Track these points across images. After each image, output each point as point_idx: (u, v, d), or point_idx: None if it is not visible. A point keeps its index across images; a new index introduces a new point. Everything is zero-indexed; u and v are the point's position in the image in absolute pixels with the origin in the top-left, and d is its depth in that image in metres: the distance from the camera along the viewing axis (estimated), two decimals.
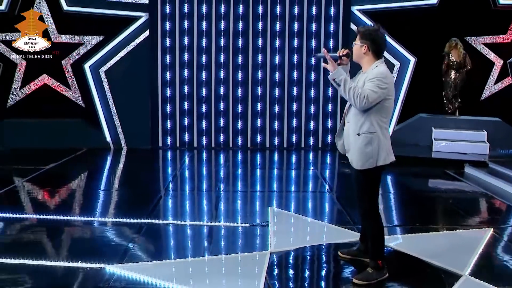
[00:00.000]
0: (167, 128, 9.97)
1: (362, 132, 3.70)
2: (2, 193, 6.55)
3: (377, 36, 3.78)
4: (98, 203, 6.37)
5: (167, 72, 9.82)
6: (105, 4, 9.58)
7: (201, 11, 9.69)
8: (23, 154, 9.18)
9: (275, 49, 9.80)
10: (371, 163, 3.72)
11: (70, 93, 10.10)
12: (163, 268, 4.13)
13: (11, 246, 4.67)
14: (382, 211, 5.99)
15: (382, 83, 3.64)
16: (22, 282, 3.86)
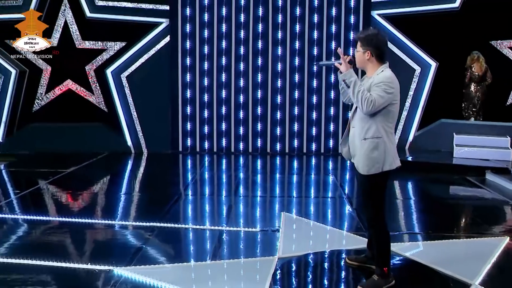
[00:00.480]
0: (187, 133, 10.06)
1: (368, 137, 3.67)
2: (22, 195, 6.72)
3: (379, 40, 3.74)
4: (113, 206, 6.47)
5: (187, 77, 9.92)
6: (126, 10, 9.76)
7: (221, 15, 9.75)
8: (47, 157, 9.40)
9: (295, 51, 9.78)
10: (377, 168, 3.69)
11: (93, 98, 10.31)
12: (169, 271, 4.17)
13: (24, 246, 4.79)
14: (404, 218, 5.96)
15: (388, 88, 3.62)
16: (32, 282, 3.93)
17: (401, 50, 9.41)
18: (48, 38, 10.04)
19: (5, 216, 5.74)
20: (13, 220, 5.70)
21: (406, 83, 9.43)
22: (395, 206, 6.50)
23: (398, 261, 4.39)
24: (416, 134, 9.56)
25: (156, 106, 9.95)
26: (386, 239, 3.85)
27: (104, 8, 9.74)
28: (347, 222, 5.86)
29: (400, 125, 9.58)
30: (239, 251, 4.80)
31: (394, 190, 7.58)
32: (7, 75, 9.75)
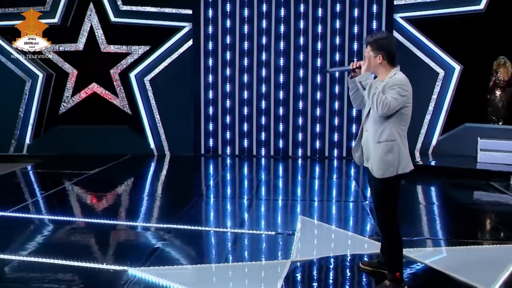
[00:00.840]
0: (209, 136, 10.12)
1: (382, 140, 3.66)
2: (46, 195, 6.88)
3: (390, 43, 3.74)
4: (132, 208, 6.58)
5: (209, 80, 10.00)
6: (150, 15, 9.89)
7: (243, 18, 9.80)
8: (72, 159, 9.61)
9: (317, 52, 9.74)
10: (391, 172, 3.67)
11: (117, 101, 10.48)
12: (182, 272, 4.22)
13: (44, 245, 4.92)
14: (426, 223, 5.88)
15: (402, 91, 3.62)
16: (48, 281, 4.03)
17: (424, 53, 9.29)
18: (75, 42, 10.31)
19: (28, 216, 5.89)
20: (35, 219, 5.84)
21: (429, 87, 9.31)
22: (417, 211, 6.44)
23: (413, 267, 4.34)
24: (440, 139, 9.42)
25: (179, 109, 10.05)
26: (398, 243, 3.81)
27: (128, 13, 9.89)
28: (365, 227, 5.81)
29: (423, 129, 9.45)
30: (253, 254, 4.81)
31: (417, 195, 7.50)
32: (34, 79, 9.99)
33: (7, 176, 8.27)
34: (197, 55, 9.92)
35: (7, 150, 10.00)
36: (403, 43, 9.35)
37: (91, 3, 10.13)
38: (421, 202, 7.18)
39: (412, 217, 5.96)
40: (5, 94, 9.97)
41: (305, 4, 9.65)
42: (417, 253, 4.55)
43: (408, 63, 9.28)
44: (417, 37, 9.30)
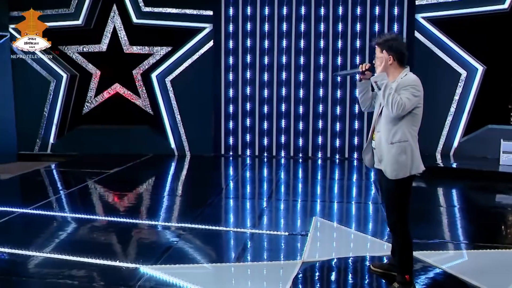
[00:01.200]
0: (230, 136, 10.18)
1: (395, 141, 3.65)
2: (64, 194, 7.03)
3: (400, 44, 3.72)
4: (148, 207, 6.67)
5: (230, 81, 10.05)
6: (171, 16, 10.00)
7: (264, 21, 9.83)
8: (94, 158, 9.79)
9: (337, 51, 9.69)
10: (405, 173, 3.67)
11: (139, 101, 10.62)
12: (192, 271, 4.25)
13: (60, 242, 5.02)
14: (445, 226, 5.80)
15: (415, 91, 3.62)
16: (62, 276, 4.12)
17: (446, 53, 9.16)
18: (98, 43, 10.50)
19: (47, 213, 6.02)
20: (54, 217, 5.97)
21: (451, 88, 9.18)
22: (437, 213, 6.34)
23: (425, 269, 4.29)
24: (462, 140, 9.27)
25: (199, 110, 10.13)
26: (408, 245, 3.79)
27: (150, 14, 10.02)
28: (379, 229, 5.76)
29: (445, 130, 9.31)
30: (264, 254, 4.83)
31: (438, 197, 7.41)
32: (58, 79, 10.21)
33: (32, 174, 8.47)
34: (217, 55, 9.99)
35: (32, 149, 10.25)
36: (425, 44, 9.24)
37: (115, 4, 10.30)
38: (441, 204, 7.07)
39: (432, 220, 5.90)
40: (30, 94, 10.22)
41: (326, 5, 9.61)
42: (434, 257, 4.49)
43: (430, 64, 9.23)
44: (439, 37, 9.17)
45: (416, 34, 9.27)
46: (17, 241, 4.92)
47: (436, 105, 9.31)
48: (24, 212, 6.04)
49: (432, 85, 9.29)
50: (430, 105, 9.12)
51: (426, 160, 8.50)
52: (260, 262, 4.51)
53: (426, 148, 9.33)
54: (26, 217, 5.92)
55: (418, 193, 7.28)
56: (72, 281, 4.07)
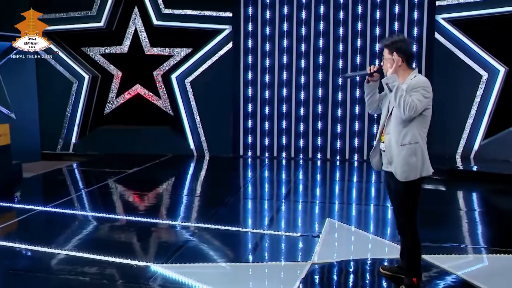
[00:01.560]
0: (248, 137, 10.23)
1: (406, 143, 3.64)
2: (83, 193, 7.17)
3: (408, 46, 3.72)
4: (164, 206, 6.76)
5: (249, 82, 10.10)
6: (191, 18, 10.09)
7: (283, 24, 9.85)
8: (114, 158, 9.96)
9: (356, 49, 9.65)
10: (415, 175, 3.65)
11: (160, 102, 10.75)
12: (201, 270, 4.30)
13: (74, 239, 5.13)
14: (466, 229, 5.72)
15: (426, 92, 3.62)
16: (75, 273, 4.22)
17: (467, 55, 9.02)
18: (120, 45, 10.67)
19: (65, 211, 6.16)
20: (71, 215, 6.09)
21: (472, 90, 9.04)
22: (456, 216, 6.25)
23: (440, 275, 4.24)
24: (482, 143, 9.12)
25: (218, 111, 10.21)
26: (417, 247, 3.76)
27: (170, 16, 10.14)
28: (390, 231, 5.71)
29: (465, 133, 9.17)
30: (274, 255, 4.84)
31: (457, 201, 7.30)
32: (81, 80, 10.41)
33: (53, 173, 8.66)
34: (236, 56, 10.04)
35: (55, 148, 10.47)
36: (445, 45, 9.13)
37: (136, 7, 10.45)
38: (461, 208, 6.97)
39: (450, 223, 5.84)
40: (53, 95, 10.45)
41: (345, 6, 9.57)
42: (451, 262, 4.43)
43: (450, 66, 9.12)
44: (459, 38, 9.04)
45: (436, 35, 9.16)
46: (33, 238, 5.05)
47: (456, 107, 9.19)
48: (43, 210, 6.19)
49: (453, 87, 9.21)
50: (450, 107, 9.14)
51: (445, 163, 8.50)
52: (269, 263, 4.53)
53: (446, 150, 9.24)
54: (45, 214, 6.07)
55: (437, 196, 7.24)
56: (83, 277, 4.16)
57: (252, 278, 4.27)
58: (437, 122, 9.34)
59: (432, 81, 9.35)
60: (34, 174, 8.35)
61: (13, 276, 4.25)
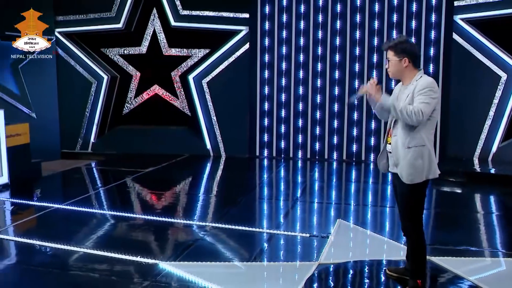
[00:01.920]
0: (264, 138, 10.26)
1: (412, 146, 3.62)
2: (98, 191, 7.31)
3: (412, 46, 3.72)
4: (177, 205, 6.84)
5: (265, 84, 10.13)
6: (208, 19, 10.17)
7: (299, 25, 9.86)
8: (131, 157, 10.10)
9: (373, 48, 9.60)
10: (421, 177, 3.64)
11: (178, 103, 10.87)
12: (208, 269, 4.35)
13: (85, 236, 5.24)
14: (483, 232, 5.65)
15: (433, 93, 3.59)
16: (86, 269, 4.32)
17: (486, 56, 8.88)
18: (138, 46, 10.82)
19: (78, 209, 6.29)
20: (84, 213, 6.22)
21: (491, 91, 8.90)
22: (473, 219, 6.15)
23: (442, 275, 4.22)
24: (501, 145, 8.97)
25: (235, 112, 10.26)
26: (422, 249, 3.76)
27: (188, 17, 10.23)
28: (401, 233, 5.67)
29: (483, 135, 9.04)
30: (282, 255, 4.87)
31: (475, 203, 7.20)
32: (99, 81, 10.59)
33: (71, 171, 8.83)
34: (253, 57, 10.08)
35: (74, 147, 10.66)
36: (463, 46, 9.02)
37: (155, 8, 10.59)
38: (478, 210, 6.88)
39: (467, 226, 5.75)
40: (73, 95, 10.65)
41: (362, 4, 9.53)
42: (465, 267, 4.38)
43: (468, 67, 9.01)
44: (478, 39, 8.91)
45: (454, 36, 9.06)
46: (48, 235, 5.17)
47: (474, 108, 9.07)
48: (59, 207, 6.33)
49: (471, 88, 9.09)
50: (468, 109, 9.03)
51: (463, 165, 8.39)
52: (276, 262, 4.56)
53: (463, 153, 9.13)
54: (60, 212, 6.21)
55: (454, 199, 7.16)
56: (93, 273, 4.26)
57: (256, 277, 4.30)
58: (454, 124, 9.26)
59: (450, 82, 9.32)
60: (52, 173, 8.53)
61: (27, 271, 4.36)
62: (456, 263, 4.43)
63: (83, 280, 4.15)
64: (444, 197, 7.31)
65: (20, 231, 5.52)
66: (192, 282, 4.10)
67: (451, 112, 9.26)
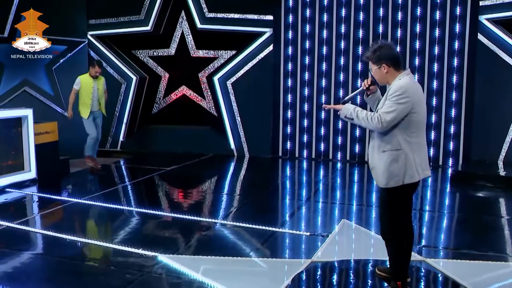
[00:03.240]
0: (287, 138, 10.35)
1: (387, 150, 3.60)
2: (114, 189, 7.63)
3: (386, 50, 3.68)
4: (190, 202, 7.06)
5: (288, 84, 10.21)
6: (234, 21, 10.35)
7: (322, 24, 9.90)
8: (157, 156, 10.42)
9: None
10: (396, 181, 3.60)
11: (204, 103, 11.12)
12: (203, 262, 4.52)
13: (95, 229, 5.51)
14: (509, 237, 5.55)
15: (400, 98, 3.52)
16: (88, 259, 4.57)
17: (511, 56, 8.68)
18: (167, 48, 11.14)
19: (93, 203, 6.60)
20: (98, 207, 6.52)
21: None
22: (497, 224, 6.01)
23: (433, 277, 4.22)
24: None
25: (258, 112, 10.39)
26: (401, 254, 3.76)
27: (213, 20, 10.45)
28: None
29: (508, 137, 8.79)
30: (278, 252, 4.98)
31: (499, 208, 6.99)
32: (128, 82, 10.96)
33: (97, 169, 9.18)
34: (277, 59, 10.19)
35: (104, 146, 11.08)
36: (488, 46, 8.83)
37: (183, 11, 10.88)
38: (503, 215, 6.71)
39: (491, 231, 5.66)
40: None
41: (385, 7, 9.49)
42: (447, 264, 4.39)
43: (494, 68, 8.82)
44: (503, 39, 8.70)
45: (479, 36, 8.88)
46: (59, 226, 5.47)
47: (499, 110, 8.87)
48: (79, 202, 6.66)
49: (495, 90, 8.90)
50: (492, 111, 8.83)
51: (487, 168, 8.22)
52: (269, 259, 4.66)
53: (488, 156, 8.93)
54: (78, 206, 6.53)
55: (478, 203, 7.02)
56: (94, 263, 4.52)
57: (246, 271, 4.42)
58: (478, 126, 9.07)
59: (474, 83, 9.07)
60: (80, 169, 8.91)
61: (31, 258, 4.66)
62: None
63: (83, 269, 4.40)
64: (469, 201, 7.21)
65: (39, 222, 5.86)
66: (183, 273, 4.28)
67: (475, 114, 9.08)
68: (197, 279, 4.15)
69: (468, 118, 9.13)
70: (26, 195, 7.12)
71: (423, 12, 9.27)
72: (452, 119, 9.26)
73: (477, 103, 9.07)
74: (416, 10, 9.32)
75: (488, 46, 8.83)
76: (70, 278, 4.22)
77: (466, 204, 7.16)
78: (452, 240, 5.54)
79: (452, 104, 9.23)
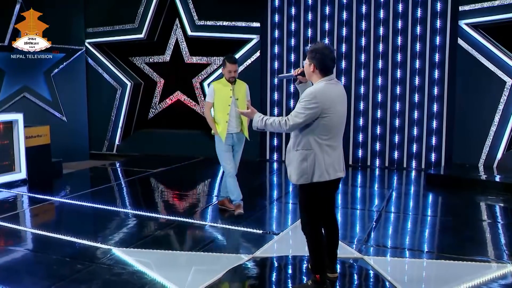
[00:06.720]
0: (274, 142, 10.60)
1: (299, 148, 3.82)
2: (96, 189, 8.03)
3: (324, 54, 3.79)
4: (156, 202, 7.43)
5: (275, 91, 10.47)
6: (221, 28, 10.68)
7: (307, 34, 10.15)
8: (149, 158, 10.77)
9: (378, 54, 9.69)
10: (305, 179, 3.80)
11: (198, 108, 11.46)
12: (150, 256, 4.81)
13: (61, 224, 5.87)
14: (489, 241, 5.55)
15: (308, 103, 3.70)
16: (51, 253, 4.93)
17: (490, 60, 8.74)
18: (162, 54, 11.54)
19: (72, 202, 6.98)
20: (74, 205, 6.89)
21: (496, 96, 8.76)
22: (477, 228, 6.02)
23: (366, 275, 4.42)
24: (506, 152, 8.78)
25: None
26: (314, 247, 3.92)
27: (203, 27, 10.79)
28: (348, 234, 5.84)
29: (488, 141, 8.89)
30: (225, 248, 5.21)
31: (479, 211, 7.04)
32: (124, 87, 11.39)
33: (87, 170, 9.60)
34: (264, 65, 10.46)
35: (101, 149, 11.52)
36: (468, 51, 8.94)
37: (177, 19, 11.26)
38: (483, 218, 6.71)
39: (471, 235, 5.65)
40: (101, 101, 11.52)
41: (367, 5, 9.68)
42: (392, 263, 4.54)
43: (473, 72, 8.93)
44: (482, 44, 8.80)
45: (459, 41, 9.01)
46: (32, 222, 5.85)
47: (479, 114, 8.96)
48: (58, 200, 7.06)
49: (476, 94, 8.99)
50: (473, 114, 8.90)
51: (467, 172, 8.27)
52: (213, 253, 4.90)
53: (468, 159, 9.01)
54: (57, 204, 6.93)
55: (458, 206, 7.03)
56: (52, 255, 4.85)
57: (188, 264, 4.70)
58: (459, 130, 9.17)
59: (455, 87, 9.12)
60: (72, 171, 9.34)
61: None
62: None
63: (38, 260, 4.77)
64: (448, 205, 7.31)
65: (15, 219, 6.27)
66: (129, 264, 4.58)
67: (456, 118, 9.19)
68: (139, 270, 4.45)
69: (449, 122, 9.25)
70: (17, 194, 7.58)
71: (405, 9, 9.44)
72: (434, 116, 9.40)
73: (457, 107, 9.18)
74: (398, 7, 9.50)
75: (468, 50, 8.94)
76: (23, 267, 4.59)
77: (441, 206, 7.27)
78: (401, 240, 5.59)
79: (434, 99, 9.38)
